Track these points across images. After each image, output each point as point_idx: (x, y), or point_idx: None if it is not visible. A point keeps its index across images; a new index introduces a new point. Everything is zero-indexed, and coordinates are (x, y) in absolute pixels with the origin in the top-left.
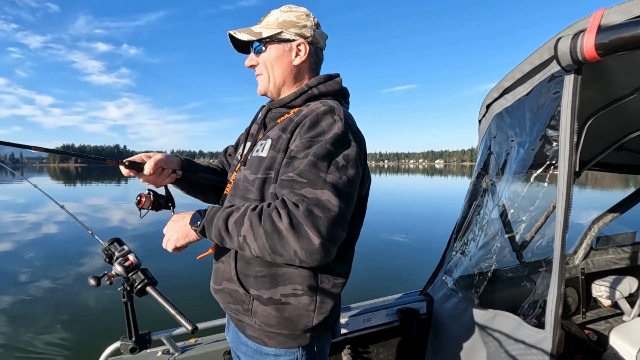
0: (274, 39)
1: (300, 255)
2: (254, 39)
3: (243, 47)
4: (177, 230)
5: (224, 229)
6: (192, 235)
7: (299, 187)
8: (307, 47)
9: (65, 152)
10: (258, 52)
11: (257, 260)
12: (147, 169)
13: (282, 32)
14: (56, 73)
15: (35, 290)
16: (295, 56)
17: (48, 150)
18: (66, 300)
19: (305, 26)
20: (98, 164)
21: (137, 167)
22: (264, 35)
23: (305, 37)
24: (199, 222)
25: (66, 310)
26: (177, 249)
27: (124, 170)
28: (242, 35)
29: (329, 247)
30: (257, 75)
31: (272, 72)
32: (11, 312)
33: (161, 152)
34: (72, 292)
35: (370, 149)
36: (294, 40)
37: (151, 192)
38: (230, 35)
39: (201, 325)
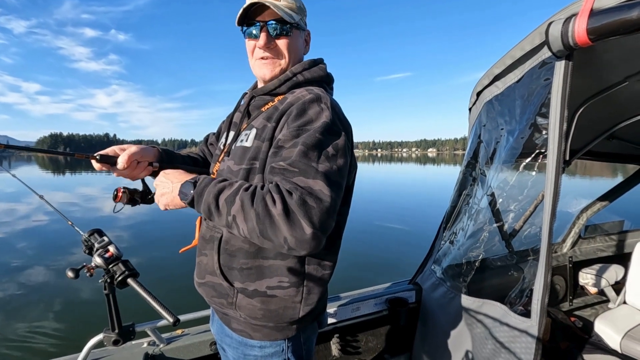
0: (299, 26)
1: (290, 242)
2: (292, 21)
3: (243, 19)
4: (166, 195)
5: (214, 205)
6: (182, 204)
7: (291, 175)
8: (310, 38)
9: (29, 149)
10: (279, 35)
11: (242, 252)
12: (121, 162)
13: (302, 18)
14: (42, 59)
15: (15, 283)
16: (305, 45)
17: (11, 147)
18: (47, 292)
19: (305, 15)
20: (68, 157)
21: (109, 161)
22: (295, 20)
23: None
24: (188, 196)
25: (47, 303)
26: (167, 209)
27: (95, 165)
28: (283, 12)
29: (320, 237)
30: (270, 57)
31: (292, 59)
32: None
33: (151, 141)
34: (54, 284)
35: (364, 137)
36: (304, 30)
37: (126, 188)
38: (252, 3)
39: (185, 317)
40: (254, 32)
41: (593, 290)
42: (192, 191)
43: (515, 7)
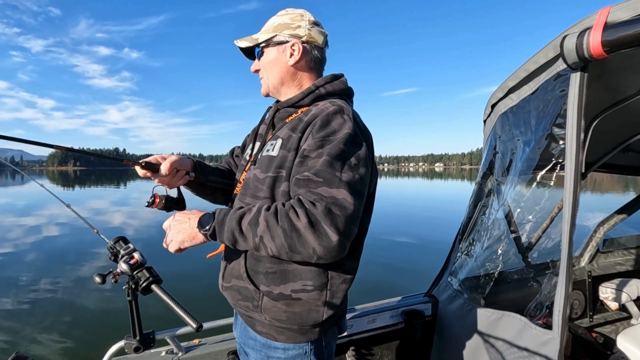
0: (269, 43)
1: (319, 252)
2: (251, 44)
3: (251, 54)
4: (182, 231)
5: (238, 230)
6: (199, 238)
7: (315, 186)
8: (300, 47)
9: (85, 152)
10: (259, 57)
11: (268, 256)
12: (163, 170)
13: (276, 35)
14: (58, 77)
15: (39, 290)
16: (290, 56)
17: (69, 150)
18: (70, 300)
19: (299, 26)
20: (118, 164)
21: (152, 168)
22: (260, 40)
23: (299, 37)
24: (208, 226)
25: (70, 310)
26: (180, 250)
27: (140, 171)
28: (242, 43)
29: (345, 243)
30: (261, 78)
31: (269, 74)
32: (16, 311)
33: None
34: (76, 292)
35: None
36: (287, 42)
37: (163, 195)
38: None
39: (206, 325)
40: None
41: (614, 305)
42: (212, 221)
43: (523, 27)
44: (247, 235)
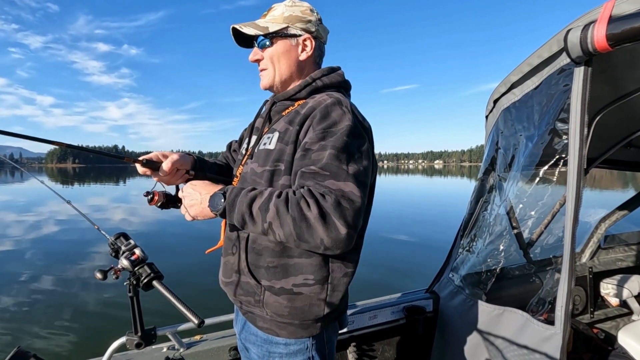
0: (281, 34)
1: (327, 243)
2: (261, 33)
3: (246, 41)
4: (194, 206)
5: (248, 214)
6: (211, 215)
7: (322, 179)
8: (313, 42)
9: (85, 149)
10: (263, 47)
11: (268, 251)
12: (165, 169)
13: (288, 26)
14: (57, 73)
15: (41, 287)
16: (302, 51)
17: (70, 146)
18: (72, 296)
19: (310, 21)
20: (117, 162)
21: (153, 166)
22: (270, 30)
23: (310, 32)
24: (220, 207)
25: (72, 306)
26: (194, 219)
27: (140, 169)
28: (249, 30)
29: (353, 235)
30: (262, 70)
31: (278, 67)
32: (17, 308)
33: (165, 151)
34: (78, 288)
35: None
36: (300, 35)
37: (162, 192)
38: (233, 29)
39: (207, 321)
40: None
41: (615, 301)
42: (222, 201)
43: (523, 26)
44: (256, 220)
